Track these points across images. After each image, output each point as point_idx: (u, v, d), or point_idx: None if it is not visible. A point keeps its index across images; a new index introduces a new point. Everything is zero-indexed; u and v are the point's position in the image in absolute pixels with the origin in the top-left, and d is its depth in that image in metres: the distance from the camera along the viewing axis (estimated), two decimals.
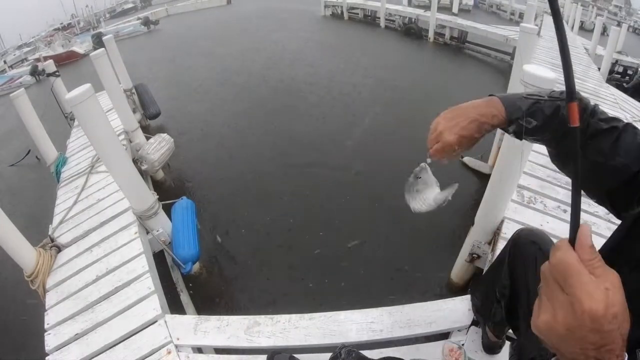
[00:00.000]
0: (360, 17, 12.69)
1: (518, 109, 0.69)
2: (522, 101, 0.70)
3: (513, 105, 0.70)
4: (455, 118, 0.72)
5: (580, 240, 0.41)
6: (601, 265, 0.38)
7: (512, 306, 1.09)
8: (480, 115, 0.70)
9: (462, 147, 0.73)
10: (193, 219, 2.71)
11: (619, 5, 22.50)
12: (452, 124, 0.71)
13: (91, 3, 25.31)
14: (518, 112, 0.69)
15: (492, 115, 0.70)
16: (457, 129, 0.71)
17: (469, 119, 0.70)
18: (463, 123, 0.70)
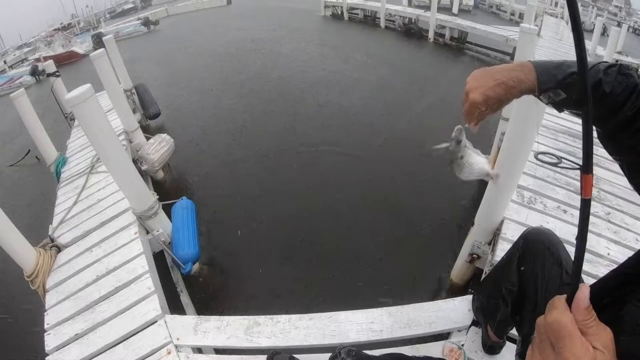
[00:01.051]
0: (360, 17, 12.69)
1: (552, 77, 0.65)
2: (559, 70, 0.65)
3: (547, 73, 0.65)
4: (483, 78, 0.70)
5: (577, 302, 0.42)
6: (595, 325, 0.40)
7: (518, 305, 1.10)
8: (508, 78, 0.67)
9: (490, 108, 0.70)
10: (193, 219, 2.71)
11: (619, 5, 22.50)
12: (478, 84, 0.70)
13: (91, 3, 25.35)
14: (551, 81, 0.65)
15: (519, 80, 0.66)
16: (482, 89, 0.69)
17: (496, 81, 0.68)
18: (490, 84, 0.68)
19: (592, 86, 0.60)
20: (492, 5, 16.32)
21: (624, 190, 2.53)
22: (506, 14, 14.89)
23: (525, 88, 0.66)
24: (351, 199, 3.62)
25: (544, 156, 0.63)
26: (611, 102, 0.61)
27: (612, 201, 2.41)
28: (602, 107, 0.62)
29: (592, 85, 0.60)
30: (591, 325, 0.40)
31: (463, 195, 3.60)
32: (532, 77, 0.66)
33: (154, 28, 15.08)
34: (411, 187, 3.73)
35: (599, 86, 0.61)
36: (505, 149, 1.90)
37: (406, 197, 3.61)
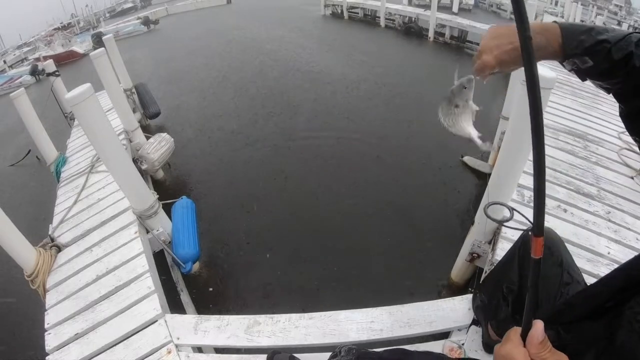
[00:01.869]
0: (360, 16, 12.67)
1: (579, 43, 0.59)
2: (588, 36, 0.59)
3: (574, 38, 0.60)
4: (499, 38, 0.64)
5: (530, 338, 0.45)
6: (550, 356, 0.43)
7: (518, 304, 1.10)
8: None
9: (503, 68, 0.66)
10: (193, 219, 2.71)
11: (619, 4, 22.46)
12: (493, 44, 0.64)
13: (91, 3, 25.30)
14: (578, 47, 0.59)
15: (540, 46, 0.60)
16: (497, 51, 0.63)
17: (512, 44, 0.62)
18: (506, 47, 0.63)
19: (622, 58, 0.57)
20: (492, 4, 16.28)
21: (624, 189, 2.53)
22: (506, 13, 14.85)
23: (547, 53, 0.61)
24: (353, 200, 3.62)
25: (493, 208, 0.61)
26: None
27: (612, 200, 2.41)
28: (629, 83, 0.58)
29: (622, 57, 0.57)
30: (546, 357, 0.42)
31: (463, 194, 3.60)
32: (557, 42, 0.60)
33: (154, 27, 15.06)
34: (411, 188, 3.73)
35: (629, 59, 0.57)
36: (505, 149, 1.90)
37: (406, 196, 3.61)
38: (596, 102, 4.11)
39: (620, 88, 0.61)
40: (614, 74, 0.58)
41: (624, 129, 2.62)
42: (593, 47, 0.58)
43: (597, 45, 0.58)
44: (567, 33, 0.60)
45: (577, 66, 0.61)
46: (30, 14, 27.31)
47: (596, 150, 3.08)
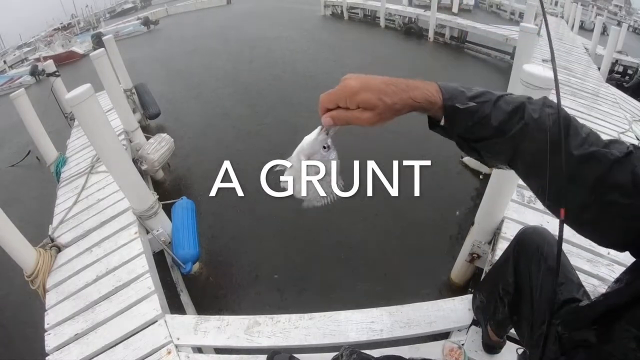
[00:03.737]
0: (360, 16, 12.69)
1: (460, 93, 0.54)
2: (468, 89, 0.55)
3: (452, 89, 0.54)
4: (365, 76, 0.54)
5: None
6: None
7: (515, 304, 1.10)
8: (402, 82, 0.53)
9: (365, 102, 0.51)
10: (193, 219, 2.71)
11: (619, 4, 22.48)
12: (360, 78, 0.53)
13: (91, 3, 25.36)
14: (459, 97, 0.53)
15: (415, 87, 0.53)
16: (364, 80, 0.52)
17: (383, 81, 0.53)
18: (375, 81, 0.53)
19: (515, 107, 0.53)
20: (492, 4, 16.31)
21: None
22: (506, 13, 14.89)
23: (418, 96, 0.52)
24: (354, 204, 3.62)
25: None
26: None
27: None
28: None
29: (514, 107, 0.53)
30: None
31: (463, 195, 3.60)
32: (432, 87, 0.54)
33: (154, 28, 15.08)
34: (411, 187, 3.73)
35: (523, 110, 0.53)
36: None
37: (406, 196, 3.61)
38: (596, 103, 4.11)
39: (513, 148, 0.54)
40: (507, 128, 0.53)
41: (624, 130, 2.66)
42: (477, 97, 0.54)
43: (482, 95, 0.54)
44: (442, 84, 0.55)
45: (457, 117, 0.53)
46: (30, 14, 27.33)
47: None
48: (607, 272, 1.82)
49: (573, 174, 0.51)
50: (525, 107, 0.53)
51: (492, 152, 0.56)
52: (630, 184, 0.48)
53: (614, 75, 7.72)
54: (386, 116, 0.52)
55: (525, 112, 0.53)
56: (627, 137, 3.43)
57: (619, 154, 0.50)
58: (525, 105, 0.53)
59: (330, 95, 0.53)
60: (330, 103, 0.54)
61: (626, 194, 0.49)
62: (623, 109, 4.55)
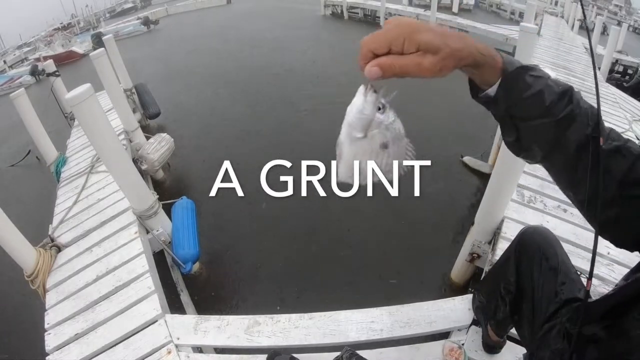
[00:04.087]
0: (360, 16, 12.68)
1: (516, 61, 0.50)
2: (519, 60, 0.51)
3: (508, 56, 0.51)
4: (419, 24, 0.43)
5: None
6: None
7: (516, 303, 1.10)
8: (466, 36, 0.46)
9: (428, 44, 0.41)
10: (193, 219, 2.71)
11: (619, 4, 22.48)
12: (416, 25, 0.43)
13: (91, 3, 25.34)
14: (516, 63, 0.50)
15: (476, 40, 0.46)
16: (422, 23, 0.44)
17: (442, 27, 0.45)
18: (433, 25, 0.45)
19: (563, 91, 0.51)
20: (492, 4, 16.30)
21: None
22: (506, 13, 14.87)
23: (482, 48, 0.46)
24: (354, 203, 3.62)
25: None
26: None
27: None
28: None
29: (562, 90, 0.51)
30: None
31: (463, 194, 3.60)
32: (494, 52, 0.48)
33: (154, 27, 15.07)
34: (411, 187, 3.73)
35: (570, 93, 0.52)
36: (506, 148, 1.89)
37: (406, 196, 3.61)
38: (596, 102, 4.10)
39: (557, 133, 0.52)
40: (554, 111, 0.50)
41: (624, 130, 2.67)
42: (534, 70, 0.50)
43: (537, 70, 0.51)
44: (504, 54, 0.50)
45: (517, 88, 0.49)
46: (30, 14, 27.33)
47: None
48: (607, 272, 1.82)
49: (604, 168, 0.50)
50: (573, 93, 0.51)
51: (536, 135, 0.52)
52: None
53: (614, 75, 7.72)
54: (449, 64, 0.42)
55: (573, 97, 0.51)
56: (627, 136, 3.42)
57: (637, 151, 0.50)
58: (572, 91, 0.51)
59: (380, 35, 0.41)
60: (381, 46, 0.41)
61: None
62: (623, 108, 4.55)
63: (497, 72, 0.48)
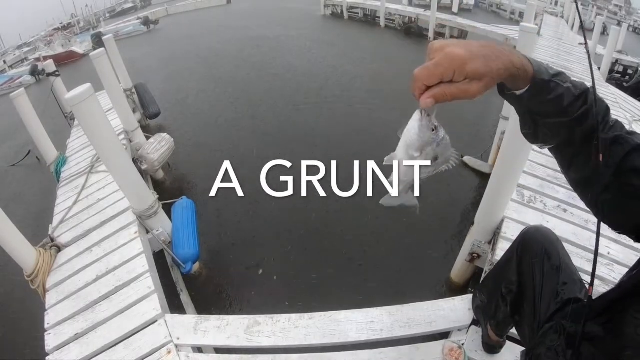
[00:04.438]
0: (360, 16, 12.69)
1: (544, 69, 0.54)
2: (546, 65, 0.55)
3: (538, 63, 0.54)
4: (459, 41, 0.49)
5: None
6: None
7: (517, 303, 1.10)
8: (496, 46, 0.50)
9: (475, 72, 0.46)
10: (193, 219, 2.71)
11: (619, 4, 22.48)
12: (456, 42, 0.48)
13: (91, 3, 25.31)
14: (545, 73, 0.53)
15: (510, 51, 0.51)
16: (465, 45, 0.47)
17: (480, 44, 0.48)
18: (474, 44, 0.48)
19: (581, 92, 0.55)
20: (492, 4, 16.31)
21: None
22: (506, 13, 14.89)
23: (516, 61, 0.51)
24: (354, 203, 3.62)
25: None
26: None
27: None
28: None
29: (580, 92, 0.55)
30: None
31: (463, 194, 3.60)
32: (522, 55, 0.53)
33: (154, 27, 15.06)
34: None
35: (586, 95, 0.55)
36: (506, 148, 1.90)
37: None
38: None
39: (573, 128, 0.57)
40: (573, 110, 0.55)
41: None
42: (556, 75, 0.55)
43: (558, 76, 0.55)
44: (532, 59, 0.54)
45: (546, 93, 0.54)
46: (30, 14, 27.33)
47: None
48: (607, 272, 1.82)
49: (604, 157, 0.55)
50: (588, 95, 0.55)
51: (552, 129, 0.57)
52: None
53: (614, 75, 7.73)
54: (491, 84, 0.49)
55: (588, 98, 0.55)
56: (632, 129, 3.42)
57: (639, 141, 0.55)
58: (588, 92, 0.56)
59: (432, 70, 0.45)
60: (434, 79, 0.46)
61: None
62: (623, 109, 4.55)
63: (528, 81, 0.53)
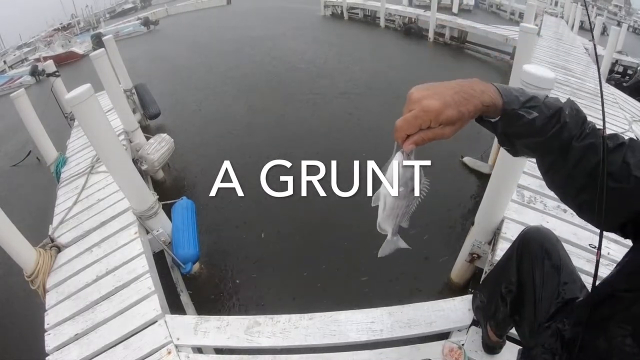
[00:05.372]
0: (360, 17, 12.70)
1: (515, 98, 0.58)
2: (519, 92, 0.59)
3: (509, 93, 0.58)
4: (433, 88, 0.54)
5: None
6: None
7: (517, 303, 1.10)
8: (467, 87, 0.55)
9: (448, 119, 0.52)
10: (193, 219, 2.71)
11: (618, 5, 22.50)
12: (430, 92, 0.53)
13: (91, 3, 25.31)
14: (515, 102, 0.57)
15: (481, 90, 0.55)
16: (439, 95, 0.52)
17: (453, 89, 0.54)
18: (447, 92, 0.53)
19: (554, 112, 0.59)
20: (492, 4, 16.33)
21: None
22: (506, 14, 14.91)
23: (487, 101, 0.55)
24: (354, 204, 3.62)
25: None
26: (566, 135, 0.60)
27: None
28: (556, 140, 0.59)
29: (553, 112, 0.58)
30: None
31: (463, 194, 3.60)
32: (492, 90, 0.57)
33: (154, 28, 15.07)
34: None
35: (559, 114, 0.59)
36: None
37: None
38: (596, 103, 4.11)
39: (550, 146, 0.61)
40: (547, 130, 0.59)
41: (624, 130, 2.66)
42: (528, 101, 0.58)
43: (530, 100, 0.58)
44: (501, 87, 0.58)
45: (516, 122, 0.58)
46: (30, 14, 27.33)
47: None
48: (607, 272, 1.80)
49: (577, 161, 0.59)
50: (562, 113, 0.59)
51: (529, 147, 0.62)
52: (619, 170, 0.57)
53: (614, 76, 7.72)
54: (464, 125, 0.55)
55: (561, 116, 0.59)
56: (627, 137, 3.42)
57: (612, 145, 0.59)
58: (561, 111, 0.59)
59: (411, 121, 0.53)
60: (413, 129, 0.53)
61: (616, 179, 0.57)
62: (623, 109, 4.55)
63: (499, 112, 0.58)
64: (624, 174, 0.57)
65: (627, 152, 0.58)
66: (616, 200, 0.57)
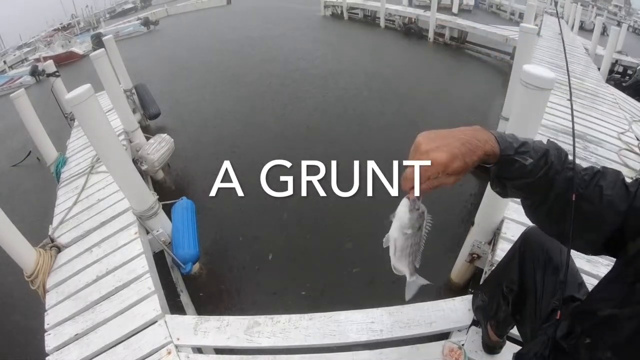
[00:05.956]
0: (360, 17, 12.70)
1: (509, 144, 0.61)
2: (512, 137, 0.63)
3: (504, 140, 0.62)
4: (441, 138, 0.58)
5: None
6: None
7: (518, 303, 1.10)
8: (471, 136, 0.58)
9: (454, 171, 0.57)
10: (193, 219, 2.71)
11: (618, 5, 22.51)
12: (439, 143, 0.57)
13: (91, 3, 25.33)
14: (510, 148, 0.61)
15: (484, 140, 0.59)
16: (447, 147, 0.56)
17: (459, 140, 0.57)
18: (454, 143, 0.57)
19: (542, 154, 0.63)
20: (492, 4, 16.33)
21: None
22: (506, 14, 14.91)
23: (489, 149, 0.59)
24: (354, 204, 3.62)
25: None
26: None
27: None
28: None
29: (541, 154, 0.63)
30: None
31: (463, 195, 3.60)
32: (493, 138, 0.61)
33: (154, 28, 15.07)
34: None
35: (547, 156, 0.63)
36: None
37: None
38: (595, 103, 4.11)
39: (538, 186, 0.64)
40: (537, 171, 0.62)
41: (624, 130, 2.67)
42: (520, 146, 0.62)
43: (522, 146, 0.62)
44: (496, 133, 0.62)
45: (510, 167, 0.62)
46: (30, 14, 27.34)
47: (595, 151, 3.08)
48: (606, 272, 1.82)
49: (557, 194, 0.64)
50: (548, 154, 0.63)
51: (519, 188, 0.66)
52: (592, 192, 0.63)
53: (614, 76, 7.72)
54: (466, 173, 0.60)
55: (548, 158, 0.63)
56: (627, 137, 3.43)
57: (588, 177, 0.64)
58: (548, 153, 0.63)
59: (421, 173, 0.57)
60: (422, 180, 0.58)
61: (590, 201, 0.62)
62: (623, 109, 4.54)
63: (496, 159, 0.62)
64: (597, 195, 0.62)
65: (600, 178, 0.64)
66: (592, 222, 0.63)
